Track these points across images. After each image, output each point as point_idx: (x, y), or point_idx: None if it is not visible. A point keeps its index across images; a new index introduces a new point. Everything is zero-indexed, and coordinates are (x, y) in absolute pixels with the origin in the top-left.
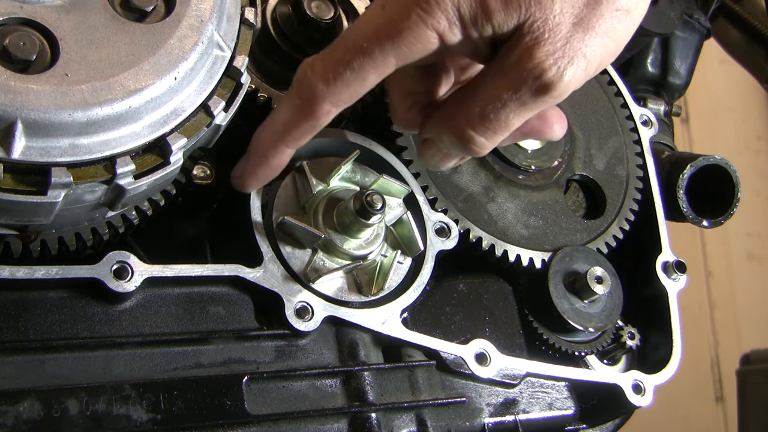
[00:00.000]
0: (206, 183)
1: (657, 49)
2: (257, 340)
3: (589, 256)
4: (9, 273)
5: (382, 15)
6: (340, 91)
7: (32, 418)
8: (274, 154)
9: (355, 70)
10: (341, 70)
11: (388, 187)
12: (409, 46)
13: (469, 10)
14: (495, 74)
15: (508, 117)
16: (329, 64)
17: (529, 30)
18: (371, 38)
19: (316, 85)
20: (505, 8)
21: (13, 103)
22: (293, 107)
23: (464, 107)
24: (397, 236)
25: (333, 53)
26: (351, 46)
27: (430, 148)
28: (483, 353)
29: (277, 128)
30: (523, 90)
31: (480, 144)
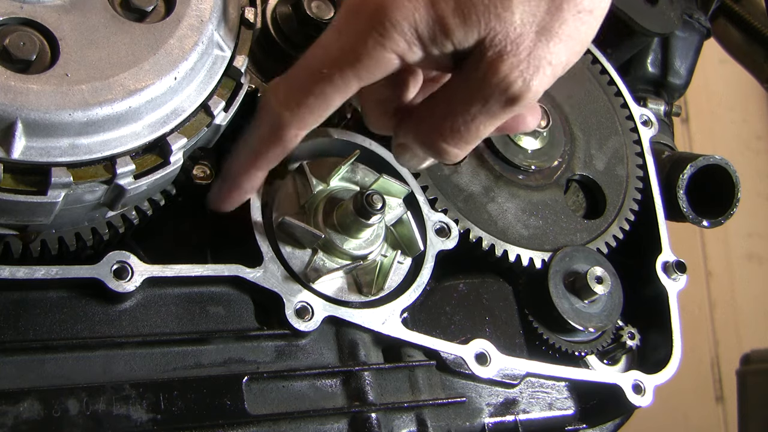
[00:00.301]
0: (206, 183)
1: (657, 49)
2: (257, 340)
3: (589, 256)
4: (9, 273)
5: (339, 41)
6: (304, 116)
7: (32, 418)
8: (247, 178)
9: (318, 96)
10: (303, 97)
11: (388, 187)
12: (370, 70)
13: (427, 30)
14: (462, 89)
15: (478, 128)
16: (291, 91)
17: (491, 44)
18: (331, 65)
19: (282, 113)
20: (464, 25)
21: (13, 103)
22: (261, 134)
23: (434, 120)
24: (397, 236)
25: (295, 80)
26: (312, 73)
27: (404, 152)
28: (483, 353)
29: (247, 155)
30: (491, 103)
31: (453, 154)
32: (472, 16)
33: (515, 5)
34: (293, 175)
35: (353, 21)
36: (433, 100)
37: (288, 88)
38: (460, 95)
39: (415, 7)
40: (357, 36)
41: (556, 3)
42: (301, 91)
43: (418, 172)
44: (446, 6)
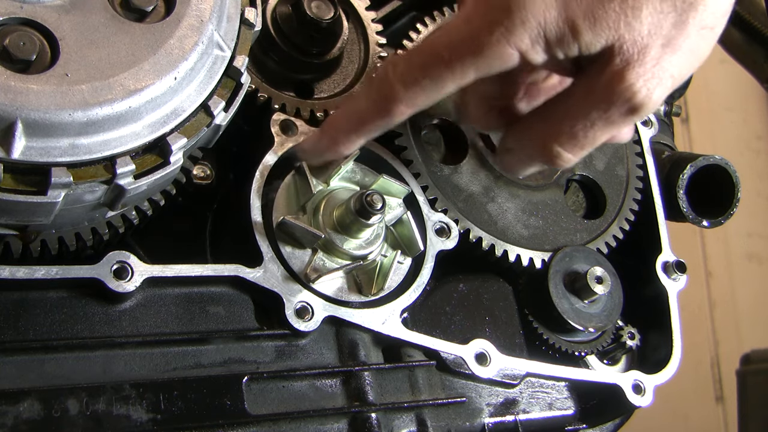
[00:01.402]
0: (206, 183)
1: None
2: (257, 340)
3: (589, 256)
4: (9, 273)
5: (465, 28)
6: (416, 95)
7: (32, 418)
8: (344, 141)
9: (434, 79)
10: (420, 76)
11: (388, 187)
12: (489, 62)
13: (555, 30)
14: (584, 93)
15: (595, 135)
16: (410, 67)
17: (619, 51)
18: (453, 50)
19: (395, 86)
20: (593, 29)
21: (13, 103)
22: (371, 101)
23: (552, 124)
24: (397, 236)
25: (415, 58)
26: (432, 54)
27: (511, 156)
28: (483, 353)
29: (351, 117)
30: (613, 110)
31: (566, 159)
32: (602, 22)
33: (645, 16)
34: (293, 175)
35: (482, 11)
36: (549, 105)
37: (407, 64)
38: (582, 99)
39: (547, 6)
40: (483, 26)
41: (682, 18)
42: (419, 70)
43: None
44: (578, 9)
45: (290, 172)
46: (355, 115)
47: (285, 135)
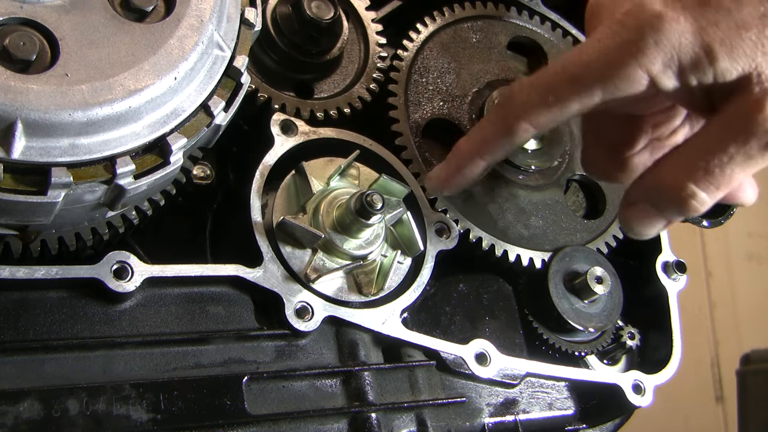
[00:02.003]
0: (206, 183)
1: None
2: (257, 340)
3: (589, 256)
4: (9, 273)
5: (596, 48)
6: (540, 113)
7: (32, 418)
8: (469, 165)
9: (559, 97)
10: (545, 94)
11: (388, 187)
12: (618, 84)
13: (690, 55)
14: (719, 126)
15: (733, 171)
16: (535, 86)
17: (758, 81)
18: (581, 68)
19: (519, 103)
20: (731, 55)
21: (13, 103)
22: (494, 122)
23: (685, 160)
24: (397, 236)
25: (542, 77)
26: (560, 72)
27: (637, 211)
28: (483, 353)
29: (475, 139)
30: (752, 143)
31: (701, 200)
32: (739, 49)
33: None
34: (293, 175)
35: (615, 32)
36: (683, 143)
37: (532, 83)
38: (718, 133)
39: (683, 30)
40: (615, 47)
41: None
42: (544, 88)
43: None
44: (715, 35)
45: (290, 172)
46: (478, 137)
47: (285, 135)
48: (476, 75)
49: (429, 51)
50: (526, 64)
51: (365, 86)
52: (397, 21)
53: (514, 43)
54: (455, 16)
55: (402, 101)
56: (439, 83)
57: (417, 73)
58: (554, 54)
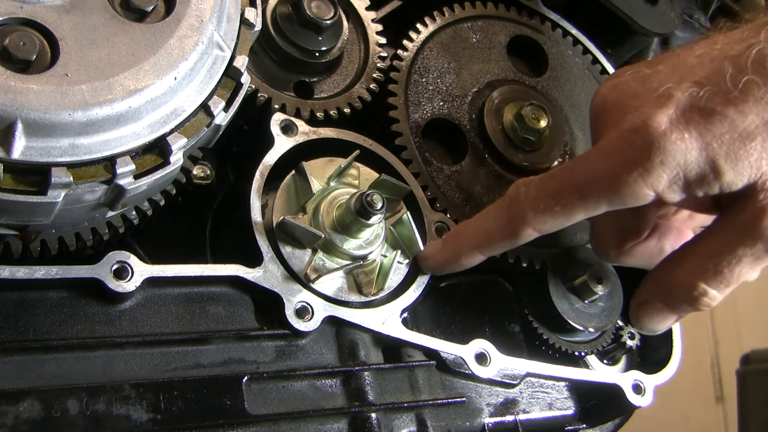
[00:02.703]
0: (206, 183)
1: (657, 49)
2: (257, 340)
3: (589, 256)
4: (9, 273)
5: (603, 164)
6: (545, 220)
7: (32, 418)
8: (467, 255)
9: (565, 207)
10: (552, 203)
11: (388, 187)
12: (623, 198)
13: (696, 171)
14: (727, 230)
15: (741, 271)
16: (542, 193)
17: (763, 188)
18: (588, 183)
19: (526, 210)
20: (735, 168)
21: (13, 103)
22: (498, 221)
23: (695, 262)
24: (397, 236)
25: (548, 184)
26: (567, 184)
27: (650, 309)
28: (483, 353)
29: (478, 233)
30: (759, 245)
31: (712, 297)
32: (744, 161)
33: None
34: (293, 175)
35: (622, 149)
36: (691, 243)
37: (539, 189)
38: (726, 236)
39: (688, 148)
40: (622, 164)
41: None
42: (551, 197)
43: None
44: (719, 149)
45: (290, 172)
46: (481, 232)
47: (285, 135)
48: (476, 75)
49: (429, 51)
50: (526, 64)
51: (365, 86)
52: (397, 21)
53: (514, 43)
54: (455, 16)
55: (402, 101)
56: (439, 83)
57: (417, 73)
58: (554, 54)
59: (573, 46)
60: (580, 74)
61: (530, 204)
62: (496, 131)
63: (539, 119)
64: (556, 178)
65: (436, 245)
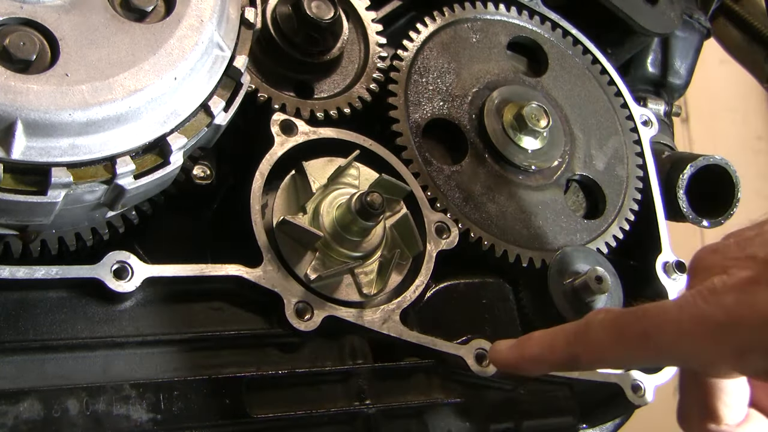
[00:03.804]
0: (206, 183)
1: (657, 49)
2: (257, 339)
3: (589, 256)
4: (9, 273)
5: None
6: (609, 358)
7: (32, 418)
8: (529, 362)
9: (631, 350)
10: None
11: (388, 187)
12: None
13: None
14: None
15: None
16: (613, 331)
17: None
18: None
19: (593, 342)
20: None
21: (13, 103)
22: (567, 342)
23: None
24: (397, 236)
25: (620, 321)
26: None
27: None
28: (483, 353)
29: (545, 345)
30: None
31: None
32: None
33: None
34: (293, 175)
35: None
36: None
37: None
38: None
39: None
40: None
41: None
42: (618, 336)
43: (417, 173)
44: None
45: (290, 172)
46: (548, 346)
47: (285, 135)
48: (476, 75)
49: (429, 51)
50: (526, 64)
51: (365, 86)
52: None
53: (514, 43)
54: (455, 16)
55: (402, 101)
56: (439, 83)
57: (417, 73)
58: (554, 54)
59: (573, 46)
60: (580, 74)
61: (600, 337)
62: (496, 131)
63: (539, 119)
64: (630, 315)
65: (507, 343)
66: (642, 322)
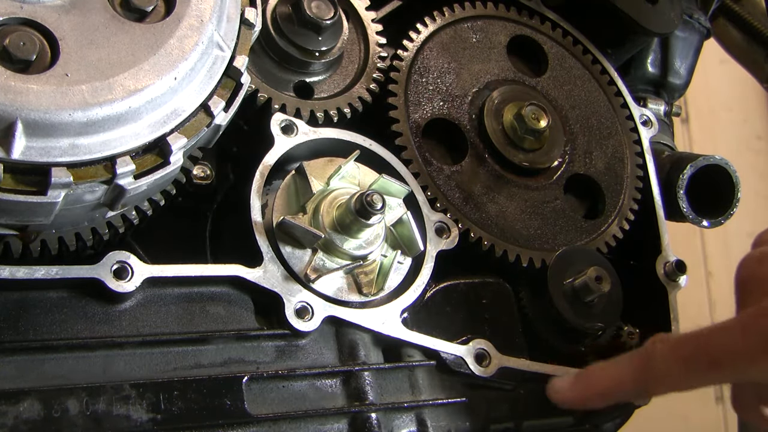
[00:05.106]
0: (206, 183)
1: (657, 49)
2: (257, 340)
3: (589, 256)
4: (9, 273)
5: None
6: (677, 384)
7: (32, 418)
8: (594, 399)
9: (698, 374)
10: (686, 374)
11: (388, 187)
12: (758, 377)
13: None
14: None
15: None
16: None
17: None
18: (723, 355)
19: (659, 375)
20: None
21: (13, 103)
22: (632, 375)
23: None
24: (397, 236)
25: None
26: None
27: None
28: (483, 353)
29: (609, 381)
30: None
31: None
32: None
33: None
34: (293, 175)
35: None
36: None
37: (674, 352)
38: None
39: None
40: (759, 343)
41: None
42: (684, 362)
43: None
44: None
45: (290, 172)
46: (612, 382)
47: (285, 135)
48: (476, 75)
49: (429, 51)
50: (526, 64)
51: (365, 86)
52: (397, 21)
53: (514, 43)
54: (455, 16)
55: (402, 101)
56: (439, 83)
57: (417, 73)
58: (554, 54)
59: (573, 46)
60: (580, 74)
61: (664, 366)
62: (496, 131)
63: (539, 119)
64: (692, 343)
65: (567, 380)
66: (708, 350)
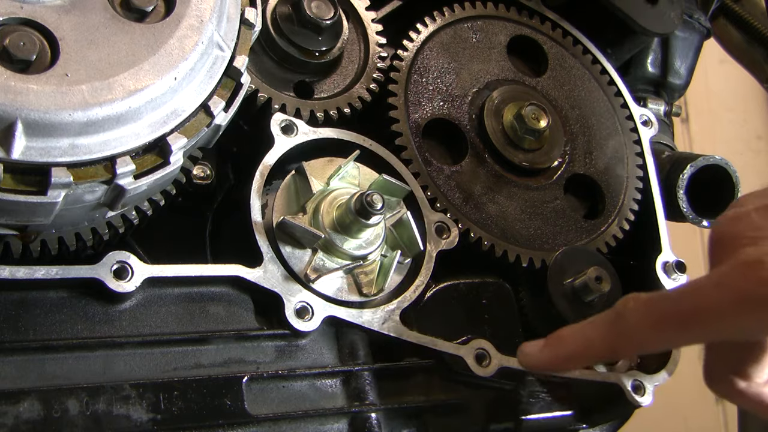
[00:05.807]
0: (206, 183)
1: (657, 49)
2: (257, 340)
3: (589, 256)
4: (9, 273)
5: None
6: (647, 347)
7: (32, 418)
8: (565, 361)
9: (670, 338)
10: (656, 331)
11: (388, 187)
12: (731, 332)
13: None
14: None
15: None
16: (647, 316)
17: None
18: (694, 312)
19: (629, 331)
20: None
21: (13, 103)
22: (602, 334)
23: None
24: (397, 236)
25: (654, 307)
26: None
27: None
28: (483, 353)
29: (579, 342)
30: None
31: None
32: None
33: None
34: (293, 175)
35: (734, 281)
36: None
37: (645, 310)
38: None
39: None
40: (732, 297)
41: None
42: (655, 321)
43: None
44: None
45: (290, 172)
46: (583, 342)
47: (285, 135)
48: (476, 75)
49: (429, 51)
50: (526, 64)
51: (365, 86)
52: (397, 21)
53: (514, 43)
54: (455, 16)
55: (402, 101)
56: (439, 83)
57: (417, 73)
58: (554, 54)
59: (573, 46)
60: (580, 74)
61: (635, 324)
62: (496, 131)
63: (539, 119)
64: (663, 302)
65: (537, 344)
66: (679, 305)
